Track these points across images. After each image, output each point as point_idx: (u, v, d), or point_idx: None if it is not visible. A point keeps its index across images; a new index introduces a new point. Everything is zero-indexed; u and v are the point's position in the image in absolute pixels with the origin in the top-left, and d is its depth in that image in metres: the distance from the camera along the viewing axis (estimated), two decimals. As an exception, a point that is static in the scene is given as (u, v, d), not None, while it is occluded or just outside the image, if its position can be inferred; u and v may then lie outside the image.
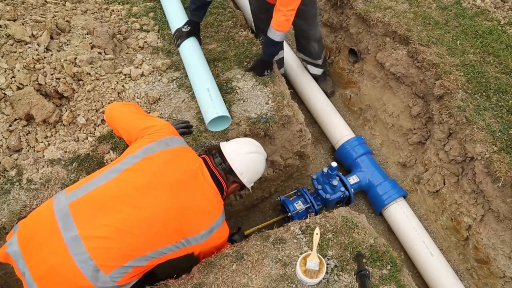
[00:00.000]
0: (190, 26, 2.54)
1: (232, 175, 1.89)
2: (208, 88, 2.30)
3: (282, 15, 2.32)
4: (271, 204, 3.06)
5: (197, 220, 1.72)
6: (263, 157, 2.01)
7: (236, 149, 1.93)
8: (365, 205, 3.09)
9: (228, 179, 1.90)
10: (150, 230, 1.60)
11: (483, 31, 2.95)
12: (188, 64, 2.49)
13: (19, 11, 2.53)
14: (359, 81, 3.43)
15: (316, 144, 3.40)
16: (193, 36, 2.57)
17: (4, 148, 2.16)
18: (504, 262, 2.42)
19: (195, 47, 2.55)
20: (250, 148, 1.96)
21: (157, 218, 1.61)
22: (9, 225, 1.94)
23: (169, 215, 1.64)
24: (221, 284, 1.77)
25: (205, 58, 2.54)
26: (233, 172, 1.88)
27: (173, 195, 1.66)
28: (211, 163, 1.89)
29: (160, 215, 1.62)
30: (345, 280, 1.78)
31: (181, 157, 1.78)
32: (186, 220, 1.68)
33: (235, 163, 1.88)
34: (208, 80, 2.37)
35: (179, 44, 2.55)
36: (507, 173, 2.26)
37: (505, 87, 2.61)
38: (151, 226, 1.60)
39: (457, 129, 2.56)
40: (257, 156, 1.96)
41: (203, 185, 1.76)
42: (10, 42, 2.30)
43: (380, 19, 3.06)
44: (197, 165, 1.80)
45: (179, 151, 1.80)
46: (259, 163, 1.97)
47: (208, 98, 2.26)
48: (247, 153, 1.93)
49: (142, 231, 1.58)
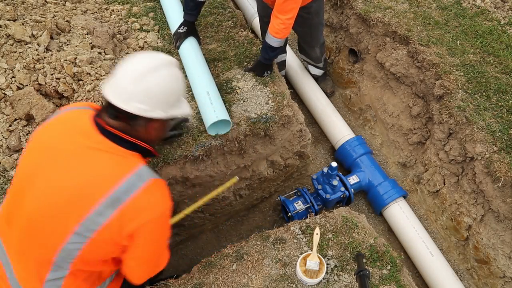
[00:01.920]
0: (186, 27, 2.53)
1: (135, 117, 1.34)
2: (208, 91, 2.26)
3: (281, 22, 2.28)
4: (271, 204, 3.06)
5: (88, 194, 1.29)
6: (162, 71, 1.36)
7: (118, 85, 1.35)
8: (365, 205, 3.09)
9: (136, 123, 1.37)
10: (42, 224, 1.32)
11: (483, 31, 2.95)
12: (187, 66, 2.47)
13: (19, 11, 2.53)
14: (359, 81, 3.43)
15: (316, 144, 3.40)
16: (191, 36, 2.56)
17: (4, 148, 2.16)
18: (504, 262, 2.42)
19: (194, 48, 2.53)
20: (134, 73, 1.34)
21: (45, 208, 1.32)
22: (9, 225, 1.94)
23: (56, 201, 1.32)
24: (221, 284, 1.78)
25: (205, 59, 2.53)
26: (133, 114, 1.33)
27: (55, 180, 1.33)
28: (103, 121, 1.38)
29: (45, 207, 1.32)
30: (345, 280, 1.79)
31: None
32: (77, 199, 1.31)
33: (118, 102, 1.32)
34: (208, 83, 2.34)
35: (178, 46, 2.54)
36: (507, 173, 2.26)
37: (505, 87, 2.61)
38: (42, 217, 1.32)
39: (457, 129, 2.56)
40: (150, 78, 1.33)
41: (88, 150, 1.34)
42: (10, 42, 2.30)
43: (380, 19, 3.06)
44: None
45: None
46: (156, 85, 1.34)
47: (208, 102, 2.22)
48: (133, 82, 1.32)
49: (37, 230, 1.33)
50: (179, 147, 2.23)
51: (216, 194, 1.88)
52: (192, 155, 2.25)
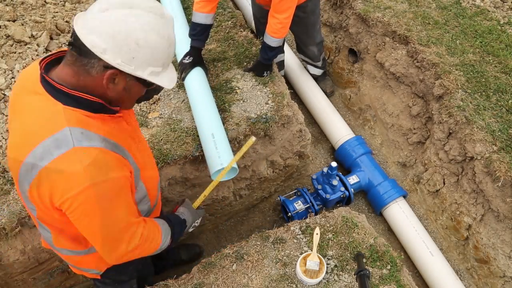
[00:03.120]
0: (192, 56, 2.35)
1: (91, 56, 1.09)
2: (213, 134, 2.06)
3: (278, 22, 2.27)
4: (271, 204, 3.06)
5: (15, 157, 1.18)
6: (142, 13, 1.10)
7: (87, 12, 1.13)
8: (365, 205, 3.09)
9: (90, 66, 1.11)
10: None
11: (483, 31, 2.95)
12: (192, 102, 2.29)
13: (18, 11, 2.53)
14: (359, 81, 3.43)
15: (316, 144, 3.40)
16: (198, 66, 2.37)
17: (4, 149, 2.16)
18: (504, 261, 2.42)
19: (200, 82, 2.33)
20: (106, 2, 1.10)
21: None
22: (9, 226, 1.94)
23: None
24: (221, 284, 1.78)
25: (205, 59, 2.51)
26: (90, 51, 1.08)
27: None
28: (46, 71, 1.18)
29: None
30: (345, 280, 1.79)
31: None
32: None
33: (78, 28, 1.09)
34: (213, 123, 2.13)
35: (184, 77, 2.37)
36: (507, 172, 2.26)
37: (504, 87, 2.61)
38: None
39: (457, 128, 2.56)
40: (122, 14, 1.08)
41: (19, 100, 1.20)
42: (10, 42, 2.30)
43: (380, 19, 3.06)
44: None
45: None
46: (127, 24, 1.08)
47: (213, 145, 2.02)
48: (101, 11, 1.09)
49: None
50: (179, 147, 2.24)
51: (238, 158, 1.74)
52: (192, 155, 2.25)
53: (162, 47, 1.15)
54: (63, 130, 1.10)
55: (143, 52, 1.11)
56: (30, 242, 2.03)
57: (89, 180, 1.10)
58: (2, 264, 2.02)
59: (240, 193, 2.74)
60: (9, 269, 2.06)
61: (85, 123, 1.14)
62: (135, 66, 1.12)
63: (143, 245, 1.35)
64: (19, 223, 1.97)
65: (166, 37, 1.16)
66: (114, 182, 1.16)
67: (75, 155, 1.09)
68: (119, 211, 1.23)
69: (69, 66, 1.13)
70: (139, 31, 1.09)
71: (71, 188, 1.10)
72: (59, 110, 1.12)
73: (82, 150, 1.10)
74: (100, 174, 1.12)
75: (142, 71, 1.14)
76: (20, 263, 2.06)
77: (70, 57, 1.13)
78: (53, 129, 1.10)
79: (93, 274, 1.62)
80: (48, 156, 1.09)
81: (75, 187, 1.10)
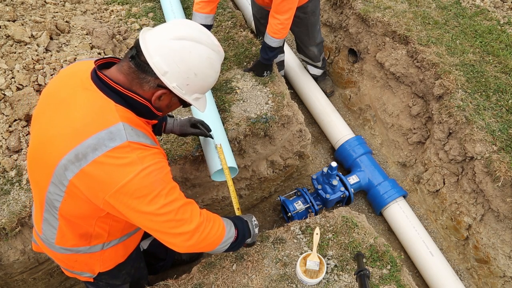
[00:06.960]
0: None
1: (149, 73, 1.23)
2: (216, 145, 2.04)
3: (279, 23, 2.28)
4: (271, 204, 3.06)
5: (58, 146, 1.23)
6: (205, 49, 1.27)
7: (157, 34, 1.25)
8: (365, 205, 3.10)
9: (145, 81, 1.24)
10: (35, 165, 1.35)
11: (483, 31, 2.95)
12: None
13: (18, 11, 2.53)
14: (359, 81, 3.43)
15: (316, 144, 3.40)
16: None
17: (4, 149, 2.16)
18: (504, 261, 2.42)
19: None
20: (179, 32, 1.24)
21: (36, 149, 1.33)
22: (9, 226, 1.94)
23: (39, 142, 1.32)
24: (221, 284, 1.78)
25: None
26: (150, 69, 1.22)
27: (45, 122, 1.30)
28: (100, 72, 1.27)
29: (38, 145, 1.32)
30: (345, 280, 1.79)
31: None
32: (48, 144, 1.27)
33: (150, 51, 1.22)
34: (213, 124, 2.10)
35: None
36: (507, 172, 2.26)
37: (504, 87, 2.61)
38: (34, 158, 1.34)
39: (457, 128, 2.56)
40: (191, 46, 1.23)
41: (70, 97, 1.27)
42: (10, 42, 2.30)
43: (380, 19, 3.06)
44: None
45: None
46: (192, 55, 1.24)
47: (213, 146, 2.02)
48: (172, 39, 1.23)
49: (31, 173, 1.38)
50: (179, 147, 2.23)
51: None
52: (192, 155, 2.25)
53: (212, 80, 1.34)
54: (117, 125, 1.19)
55: (197, 81, 1.28)
56: (30, 242, 2.03)
57: (141, 166, 1.18)
58: (2, 264, 2.02)
59: (240, 193, 2.74)
60: (9, 269, 2.06)
61: (134, 122, 1.26)
62: (186, 91, 1.28)
63: (207, 224, 1.36)
64: (19, 223, 1.97)
65: (217, 71, 1.34)
66: (163, 166, 1.26)
67: (129, 147, 1.18)
68: (174, 190, 1.29)
69: (123, 74, 1.25)
70: (199, 63, 1.25)
71: (126, 175, 1.17)
72: (111, 107, 1.22)
73: (134, 144, 1.20)
74: (151, 161, 1.21)
75: (189, 96, 1.30)
76: (20, 263, 2.06)
77: (127, 67, 1.25)
78: (107, 122, 1.19)
79: (86, 277, 1.62)
80: (102, 147, 1.17)
81: (130, 173, 1.17)
